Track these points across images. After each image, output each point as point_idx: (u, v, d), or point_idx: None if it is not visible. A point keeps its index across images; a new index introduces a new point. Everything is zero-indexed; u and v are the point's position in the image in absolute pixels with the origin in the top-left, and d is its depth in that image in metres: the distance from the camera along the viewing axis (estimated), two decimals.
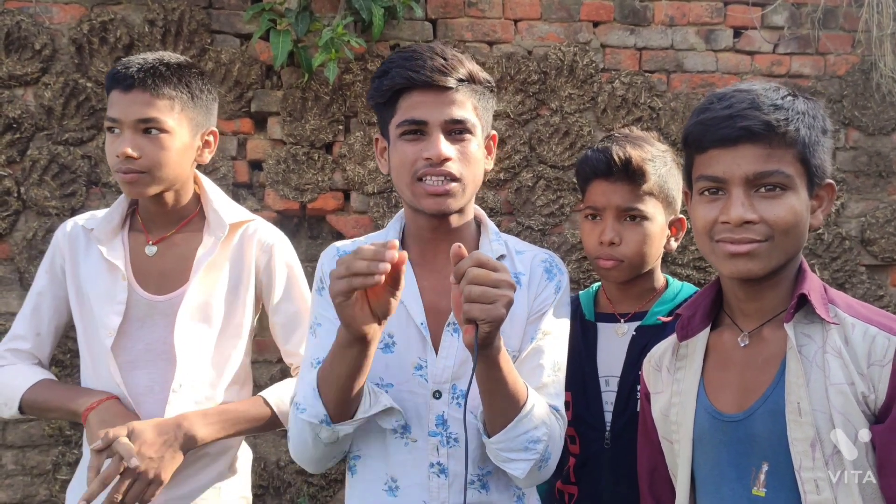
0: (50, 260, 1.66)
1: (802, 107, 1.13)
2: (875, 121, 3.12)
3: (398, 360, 1.34)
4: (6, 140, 2.80)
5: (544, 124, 3.04)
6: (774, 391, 1.13)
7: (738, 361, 1.20)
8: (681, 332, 1.28)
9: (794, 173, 1.11)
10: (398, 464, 1.32)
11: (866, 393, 1.07)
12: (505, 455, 1.25)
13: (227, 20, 2.95)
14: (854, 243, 3.12)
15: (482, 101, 1.35)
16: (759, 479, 1.13)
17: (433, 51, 1.30)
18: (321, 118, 2.95)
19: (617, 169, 1.51)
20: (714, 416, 1.20)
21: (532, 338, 1.36)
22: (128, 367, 1.58)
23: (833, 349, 1.10)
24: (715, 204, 1.14)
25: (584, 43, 3.06)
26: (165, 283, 1.61)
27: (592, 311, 1.65)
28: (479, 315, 1.10)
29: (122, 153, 1.51)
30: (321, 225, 3.04)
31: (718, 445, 1.19)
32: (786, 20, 3.10)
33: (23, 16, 2.81)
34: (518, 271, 1.39)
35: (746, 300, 1.21)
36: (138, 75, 1.53)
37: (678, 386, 1.28)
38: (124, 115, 1.52)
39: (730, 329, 1.24)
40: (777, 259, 1.13)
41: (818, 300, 1.14)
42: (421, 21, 3.00)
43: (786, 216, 1.10)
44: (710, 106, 1.16)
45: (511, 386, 1.22)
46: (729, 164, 1.12)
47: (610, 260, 1.53)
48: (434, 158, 1.27)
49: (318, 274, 1.45)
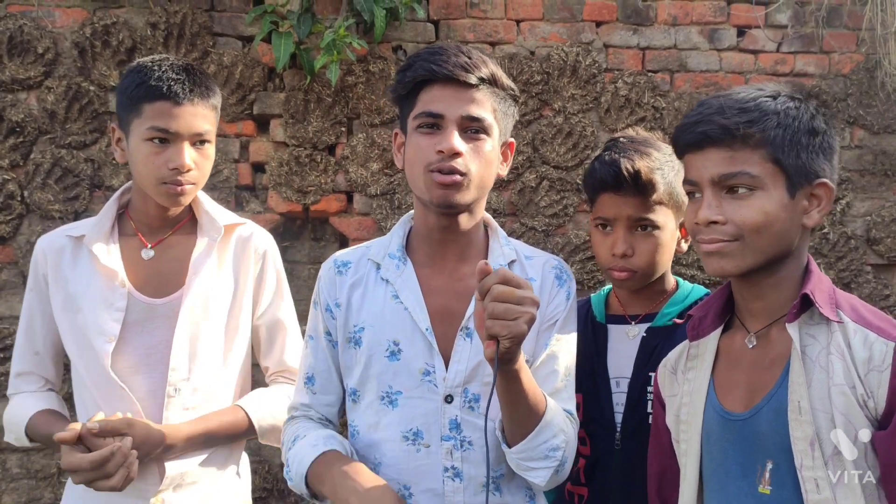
0: (33, 278, 1.65)
1: (779, 107, 1.14)
2: (880, 119, 3.10)
3: (406, 367, 1.34)
4: (9, 144, 2.80)
5: (547, 125, 3.03)
6: (779, 390, 1.14)
7: (747, 362, 1.22)
8: (692, 332, 1.30)
9: (761, 174, 1.13)
10: (410, 471, 1.32)
11: (866, 398, 1.08)
12: (526, 464, 1.26)
13: (229, 23, 2.95)
14: (860, 242, 3.11)
15: (502, 105, 1.34)
16: (765, 476, 1.14)
17: (459, 49, 1.31)
18: (324, 120, 2.94)
19: (626, 183, 1.50)
20: (722, 414, 1.21)
21: (546, 344, 1.37)
22: (127, 373, 1.57)
23: (837, 350, 1.11)
24: (694, 206, 1.20)
25: (587, 43, 3.06)
26: (164, 286, 1.61)
27: (603, 312, 1.65)
28: (501, 332, 1.11)
29: (183, 166, 1.53)
30: (324, 227, 3.03)
31: (725, 444, 1.20)
32: (789, 19, 3.09)
33: (25, 20, 2.82)
34: (529, 277, 1.39)
35: (751, 300, 1.22)
36: (193, 87, 1.54)
37: (689, 386, 1.29)
38: (183, 129, 1.53)
39: (740, 331, 1.26)
40: (753, 258, 1.14)
41: (824, 300, 1.15)
42: (423, 22, 3.00)
43: (753, 216, 1.12)
44: (689, 112, 1.23)
45: (531, 398, 1.22)
46: (698, 167, 1.17)
47: (623, 271, 1.53)
48: (446, 151, 1.27)
49: (316, 287, 1.46)
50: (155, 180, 1.54)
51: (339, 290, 1.40)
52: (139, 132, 1.54)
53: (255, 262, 1.69)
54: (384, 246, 1.42)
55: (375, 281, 1.39)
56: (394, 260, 1.39)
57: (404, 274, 1.37)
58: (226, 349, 1.65)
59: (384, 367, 1.34)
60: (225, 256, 1.66)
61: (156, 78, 1.52)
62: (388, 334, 1.34)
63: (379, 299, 1.37)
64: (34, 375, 1.68)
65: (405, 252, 1.40)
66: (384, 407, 1.34)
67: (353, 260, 1.43)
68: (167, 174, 1.53)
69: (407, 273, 1.37)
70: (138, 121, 1.54)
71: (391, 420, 1.33)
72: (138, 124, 1.54)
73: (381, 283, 1.38)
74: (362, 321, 1.37)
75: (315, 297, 1.45)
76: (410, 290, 1.35)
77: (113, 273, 1.58)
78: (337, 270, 1.43)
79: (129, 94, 1.55)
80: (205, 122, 1.57)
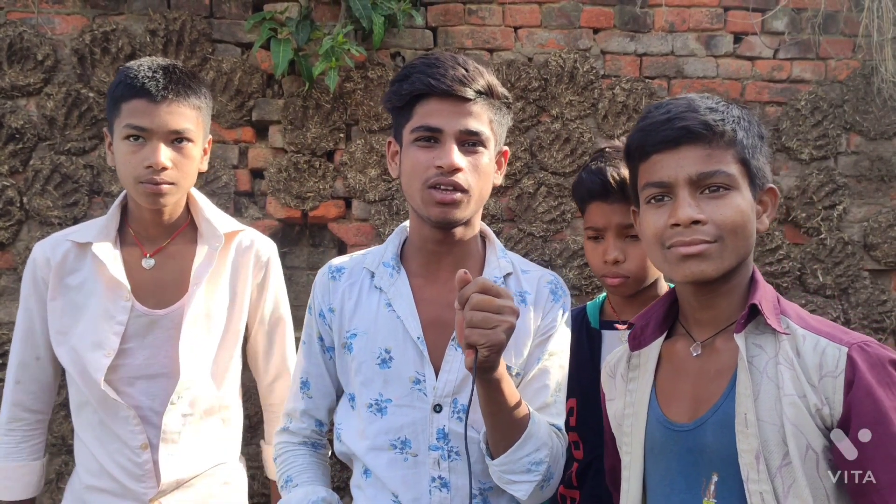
0: (31, 282, 1.62)
1: (737, 112, 1.16)
2: (876, 125, 3.11)
3: (396, 375, 1.34)
4: (9, 150, 2.81)
5: (545, 131, 3.04)
6: (725, 402, 1.12)
7: (691, 371, 1.19)
8: (632, 342, 1.28)
9: (735, 173, 1.12)
10: (398, 479, 1.32)
11: (819, 405, 1.05)
12: (507, 477, 1.26)
13: (228, 29, 2.96)
14: (857, 248, 3.11)
15: (498, 115, 1.35)
16: (710, 489, 1.12)
17: (455, 61, 1.31)
18: (322, 126, 2.95)
19: (613, 190, 1.54)
20: (665, 425, 1.19)
21: (538, 359, 1.37)
22: (125, 382, 1.56)
23: (785, 360, 1.09)
24: (662, 210, 1.15)
25: (585, 49, 3.07)
26: (165, 296, 1.59)
27: (598, 319, 1.68)
28: (478, 340, 1.11)
29: (157, 164, 1.50)
30: (323, 233, 3.04)
31: (669, 455, 1.18)
32: (786, 25, 3.10)
33: (25, 27, 2.83)
34: (524, 290, 1.39)
35: (700, 308, 1.20)
36: (167, 84, 1.51)
37: (631, 397, 1.27)
38: (157, 126, 1.50)
39: (683, 338, 1.23)
40: (728, 260, 1.12)
41: (770, 310, 1.12)
42: (421, 29, 3.01)
43: (733, 216, 1.11)
44: (648, 114, 1.18)
45: (514, 410, 1.22)
46: (673, 167, 1.13)
47: (616, 278, 1.57)
48: (445, 167, 1.27)
49: (311, 293, 1.47)
50: (133, 179, 1.52)
51: (333, 295, 1.41)
52: (118, 131, 1.53)
53: (256, 271, 1.68)
54: (379, 254, 1.43)
55: (369, 289, 1.40)
56: (388, 269, 1.39)
57: (398, 283, 1.38)
58: (224, 358, 1.66)
59: (375, 374, 1.34)
60: (225, 264, 1.65)
61: (132, 76, 1.52)
62: (380, 342, 1.35)
63: (372, 307, 1.38)
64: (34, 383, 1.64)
65: (399, 261, 1.41)
66: (372, 414, 1.34)
67: (348, 267, 1.44)
68: (143, 173, 1.51)
69: (400, 282, 1.38)
70: (118, 120, 1.53)
71: (379, 428, 1.34)
72: (118, 124, 1.53)
73: (375, 292, 1.39)
74: (354, 328, 1.38)
75: (310, 303, 1.46)
76: (403, 299, 1.36)
77: (119, 285, 1.56)
78: (331, 276, 1.44)
79: (111, 95, 1.55)
80: (183, 121, 1.53)
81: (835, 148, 3.11)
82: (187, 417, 1.59)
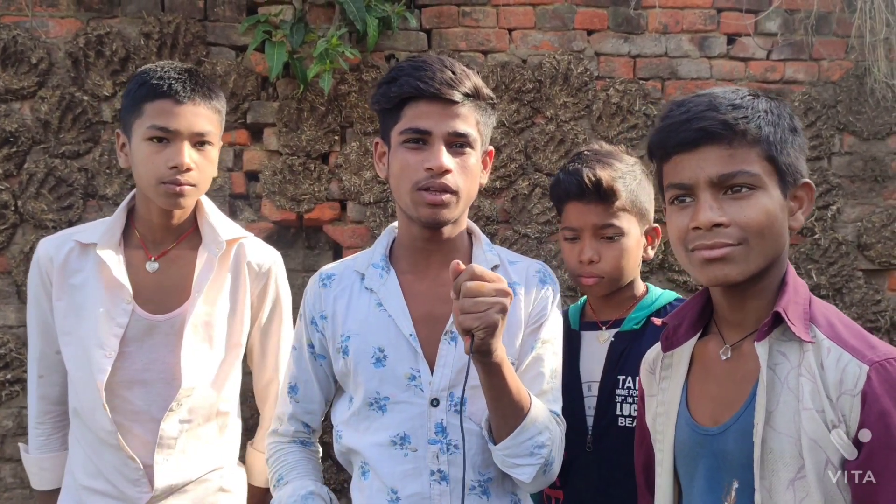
0: (38, 280, 1.62)
1: (764, 105, 1.10)
2: (870, 125, 3.12)
3: (391, 373, 1.36)
4: (3, 154, 2.81)
5: (539, 132, 3.05)
6: (746, 410, 1.10)
7: (720, 374, 1.18)
8: (665, 342, 1.28)
9: (760, 172, 1.08)
10: (398, 475, 1.34)
11: (835, 422, 1.02)
12: (511, 461, 1.28)
13: (223, 32, 2.96)
14: (851, 248, 3.12)
15: (484, 116, 1.37)
16: (731, 496, 1.11)
17: (443, 63, 1.33)
18: (317, 129, 2.96)
19: (589, 191, 1.56)
20: (693, 428, 1.19)
21: (532, 347, 1.39)
22: (121, 387, 1.55)
23: (808, 371, 1.05)
24: (685, 211, 1.12)
25: (579, 51, 3.08)
26: (166, 302, 1.59)
27: (578, 320, 1.71)
28: (472, 324, 1.13)
29: (182, 164, 1.50)
30: (318, 235, 3.04)
31: (696, 457, 1.18)
32: (779, 27, 3.11)
33: (19, 30, 2.83)
34: (513, 280, 1.41)
35: (730, 310, 1.18)
36: (194, 87, 1.53)
37: (662, 396, 1.28)
38: (182, 126, 1.51)
39: (715, 339, 1.22)
40: (756, 263, 1.08)
41: (798, 316, 1.09)
42: (416, 31, 3.01)
43: (757, 217, 1.07)
44: (669, 113, 1.14)
45: (514, 394, 1.24)
46: (693, 168, 1.09)
47: (591, 277, 1.59)
48: (435, 169, 1.29)
49: (302, 300, 1.48)
50: (154, 180, 1.52)
51: (325, 302, 1.43)
52: (140, 132, 1.52)
53: (254, 281, 1.68)
54: (368, 256, 1.46)
55: (360, 290, 1.41)
56: (377, 269, 1.41)
57: (388, 282, 1.39)
58: (226, 366, 1.65)
59: (371, 374, 1.36)
60: (226, 271, 1.64)
61: (157, 77, 1.52)
62: (373, 342, 1.37)
63: (363, 308, 1.39)
64: (56, 375, 1.65)
65: (388, 261, 1.43)
66: (373, 413, 1.36)
67: (338, 272, 1.46)
68: (166, 173, 1.51)
69: (390, 281, 1.39)
70: (139, 121, 1.53)
71: (380, 425, 1.35)
72: (139, 125, 1.53)
73: (365, 293, 1.40)
74: (348, 330, 1.39)
75: (301, 310, 1.47)
76: (393, 298, 1.38)
77: (121, 287, 1.56)
78: (321, 283, 1.45)
79: (132, 96, 1.55)
80: (206, 123, 1.55)
81: (828, 148, 3.12)
82: (185, 424, 1.59)
